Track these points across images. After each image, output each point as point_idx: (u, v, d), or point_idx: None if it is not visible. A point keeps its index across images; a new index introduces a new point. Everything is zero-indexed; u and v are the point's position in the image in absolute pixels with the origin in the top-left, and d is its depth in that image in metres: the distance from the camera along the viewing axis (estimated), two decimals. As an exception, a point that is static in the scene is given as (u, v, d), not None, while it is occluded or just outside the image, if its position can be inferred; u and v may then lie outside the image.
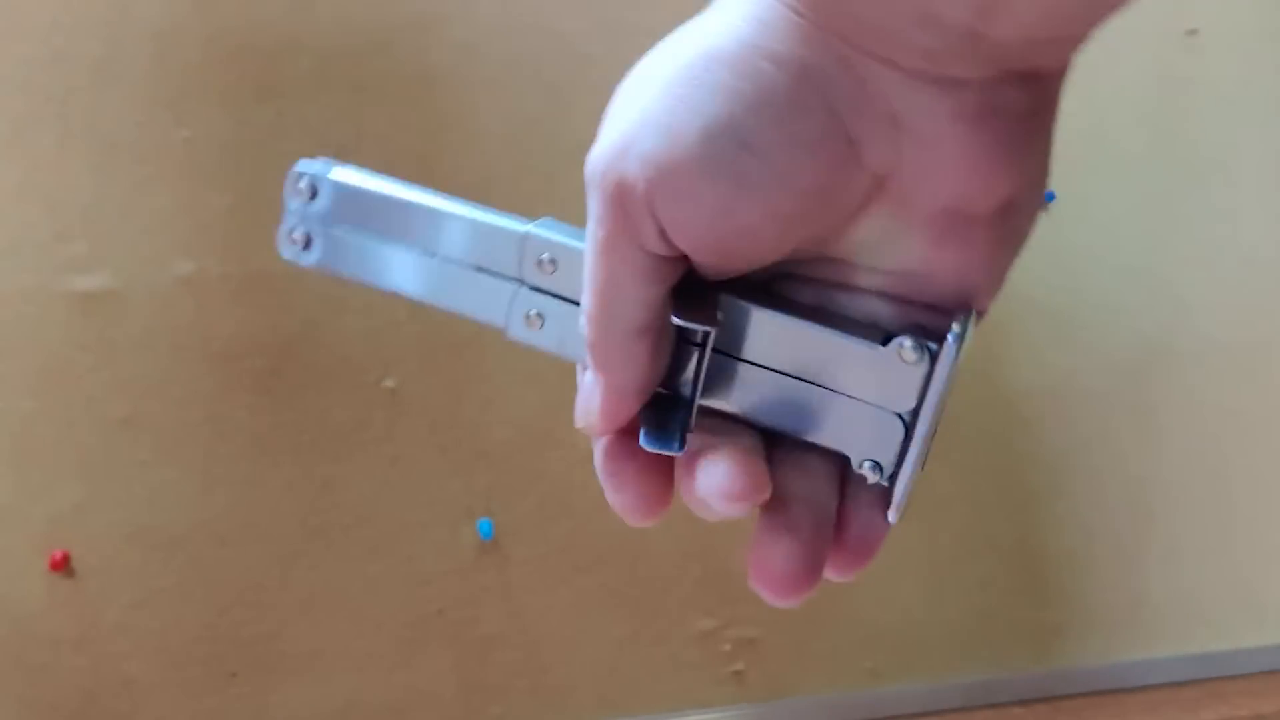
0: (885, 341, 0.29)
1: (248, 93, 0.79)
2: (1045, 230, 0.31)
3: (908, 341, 0.28)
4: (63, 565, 0.81)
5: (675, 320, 0.28)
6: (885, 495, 0.30)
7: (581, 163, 0.31)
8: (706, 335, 0.29)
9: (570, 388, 0.33)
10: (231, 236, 0.81)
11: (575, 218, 0.36)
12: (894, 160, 0.26)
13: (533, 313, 0.33)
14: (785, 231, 0.27)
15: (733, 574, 0.92)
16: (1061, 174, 1.05)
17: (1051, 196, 0.89)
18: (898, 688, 0.96)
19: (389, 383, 0.84)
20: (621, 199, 0.27)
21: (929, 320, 0.29)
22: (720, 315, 0.29)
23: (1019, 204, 0.28)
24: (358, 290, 0.86)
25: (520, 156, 0.82)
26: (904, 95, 0.25)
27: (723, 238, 0.27)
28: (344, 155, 0.89)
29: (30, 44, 0.77)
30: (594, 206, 0.28)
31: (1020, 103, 0.26)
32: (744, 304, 0.29)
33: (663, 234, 0.27)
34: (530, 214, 0.36)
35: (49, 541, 0.81)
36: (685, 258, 0.28)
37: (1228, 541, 0.99)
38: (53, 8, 0.77)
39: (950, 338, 0.28)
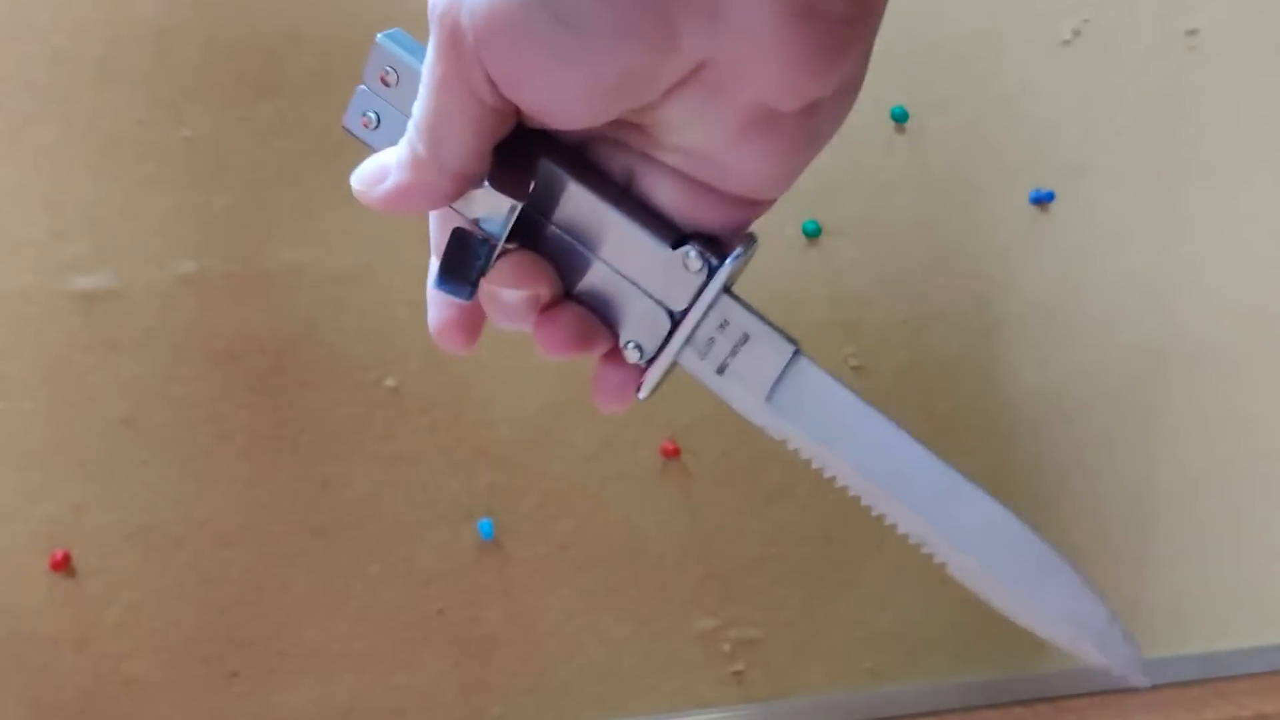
0: (676, 245, 0.32)
1: (249, 91, 0.79)
2: (1045, 231, 0.31)
3: (693, 252, 0.31)
4: (63, 565, 0.81)
5: (489, 186, 0.30)
6: (640, 375, 0.34)
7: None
8: (514, 207, 0.31)
9: (571, 388, 0.33)
10: (233, 236, 0.81)
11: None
12: (711, 49, 0.27)
13: (370, 113, 0.36)
14: (601, 103, 0.28)
15: (733, 574, 0.92)
16: (1061, 174, 1.05)
17: (1051, 196, 0.89)
18: (898, 688, 0.96)
19: (390, 382, 0.84)
20: (455, 42, 0.28)
21: (720, 223, 0.32)
22: (533, 184, 0.31)
23: (825, 107, 0.29)
24: (358, 290, 0.86)
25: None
26: None
27: (541, 100, 0.28)
28: (344, 154, 0.89)
29: (30, 43, 0.77)
30: (432, 42, 0.29)
31: (839, 7, 0.27)
32: (561, 174, 0.31)
33: (492, 83, 0.28)
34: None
35: (49, 541, 0.81)
36: (515, 111, 0.29)
37: (1230, 541, 0.99)
38: (53, 7, 0.77)
39: (730, 258, 0.32)
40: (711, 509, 0.90)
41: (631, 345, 0.33)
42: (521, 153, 0.31)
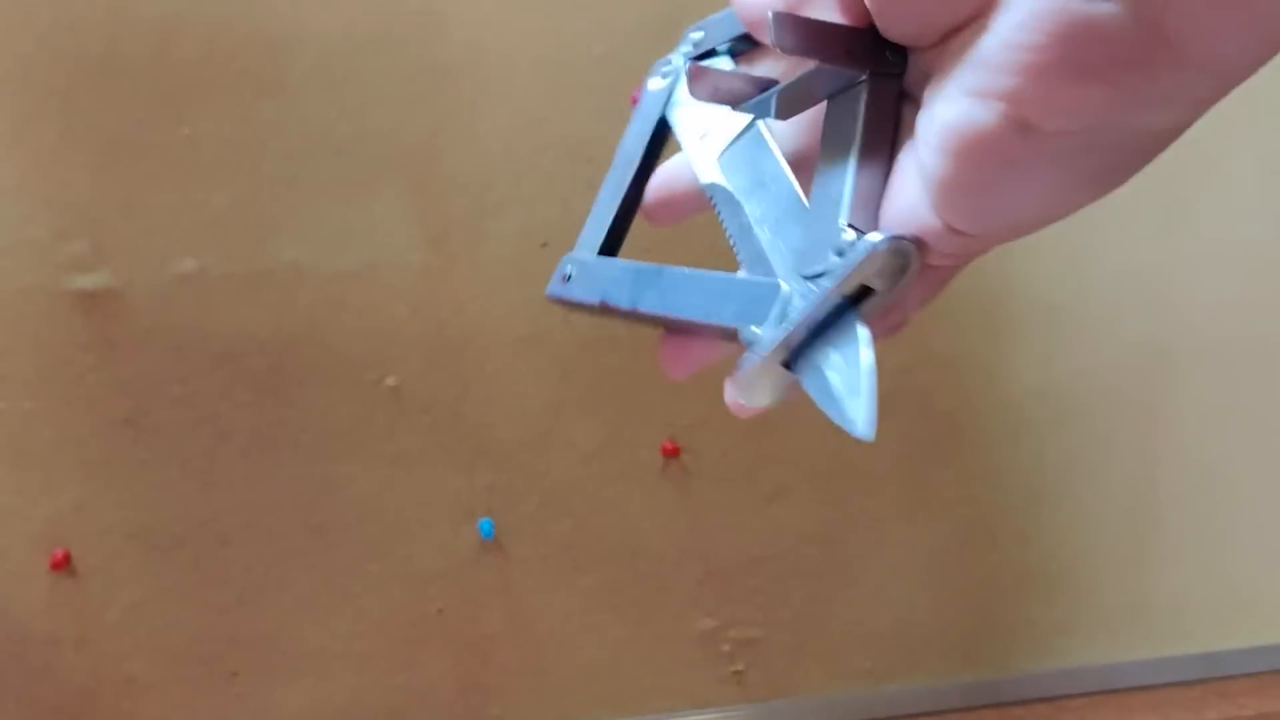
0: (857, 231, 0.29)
1: (249, 90, 0.79)
2: (1046, 230, 0.31)
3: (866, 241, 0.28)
4: (63, 565, 0.81)
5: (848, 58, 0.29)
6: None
7: (583, 162, 0.31)
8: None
9: (571, 388, 0.33)
10: (233, 235, 0.80)
11: (578, 215, 0.36)
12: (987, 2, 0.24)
13: (568, 268, 0.36)
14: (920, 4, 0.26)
15: (733, 574, 0.92)
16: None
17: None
18: (898, 688, 0.96)
19: (390, 381, 0.84)
20: None
21: (919, 226, 0.29)
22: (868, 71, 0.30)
23: (1041, 139, 0.25)
24: (359, 290, 0.86)
25: (522, 155, 0.82)
26: None
27: None
28: (345, 153, 0.89)
29: (31, 42, 0.77)
30: None
31: (1128, 42, 0.23)
32: (861, 89, 0.30)
33: None
34: (532, 214, 0.37)
35: (49, 541, 0.81)
36: None
37: (1231, 541, 0.99)
38: (53, 6, 0.77)
39: (883, 239, 0.28)
40: (711, 509, 0.90)
41: (749, 328, 0.30)
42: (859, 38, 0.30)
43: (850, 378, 0.29)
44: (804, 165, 0.32)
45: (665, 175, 0.37)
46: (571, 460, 0.87)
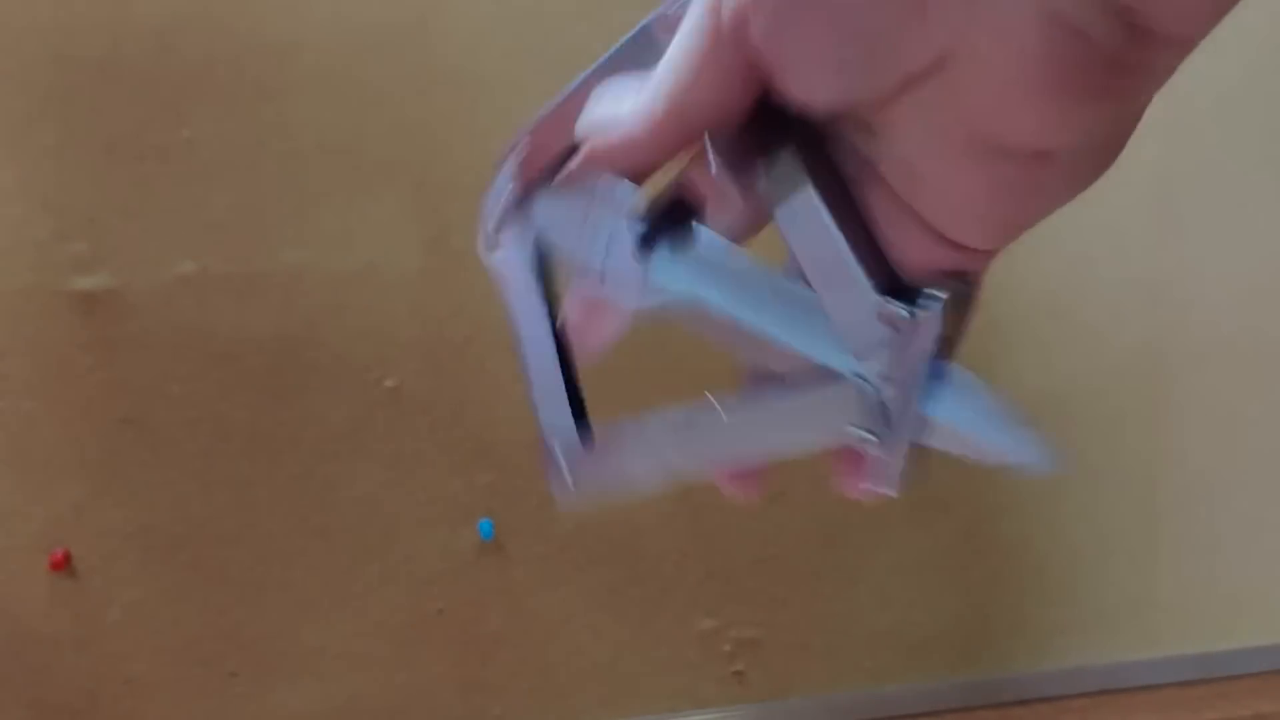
0: (884, 289, 0.28)
1: (249, 92, 0.79)
2: (1046, 231, 0.31)
3: (895, 305, 0.27)
4: (63, 565, 0.81)
5: (727, 172, 0.28)
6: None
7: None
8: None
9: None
10: (233, 236, 0.81)
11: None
12: (956, 39, 0.24)
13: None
14: (848, 69, 0.26)
15: (733, 574, 0.92)
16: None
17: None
18: (898, 688, 0.96)
19: (389, 382, 0.84)
20: None
21: (922, 260, 0.28)
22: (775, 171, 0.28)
23: (1060, 162, 0.26)
24: (358, 290, 0.86)
25: (520, 156, 0.82)
26: None
27: (794, 56, 0.26)
28: (344, 155, 0.89)
29: (31, 43, 0.77)
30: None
31: (1112, 40, 0.23)
32: (802, 180, 0.28)
33: (748, 40, 0.26)
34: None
35: (49, 541, 0.81)
36: (760, 81, 0.27)
37: (1231, 540, 0.99)
38: (54, 7, 0.77)
39: (931, 306, 0.27)
40: (711, 509, 0.90)
41: (863, 432, 0.28)
42: (762, 135, 0.28)
43: (983, 419, 0.29)
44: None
45: (582, 317, 0.35)
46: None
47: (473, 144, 0.82)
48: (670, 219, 0.31)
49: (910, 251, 0.28)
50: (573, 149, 0.34)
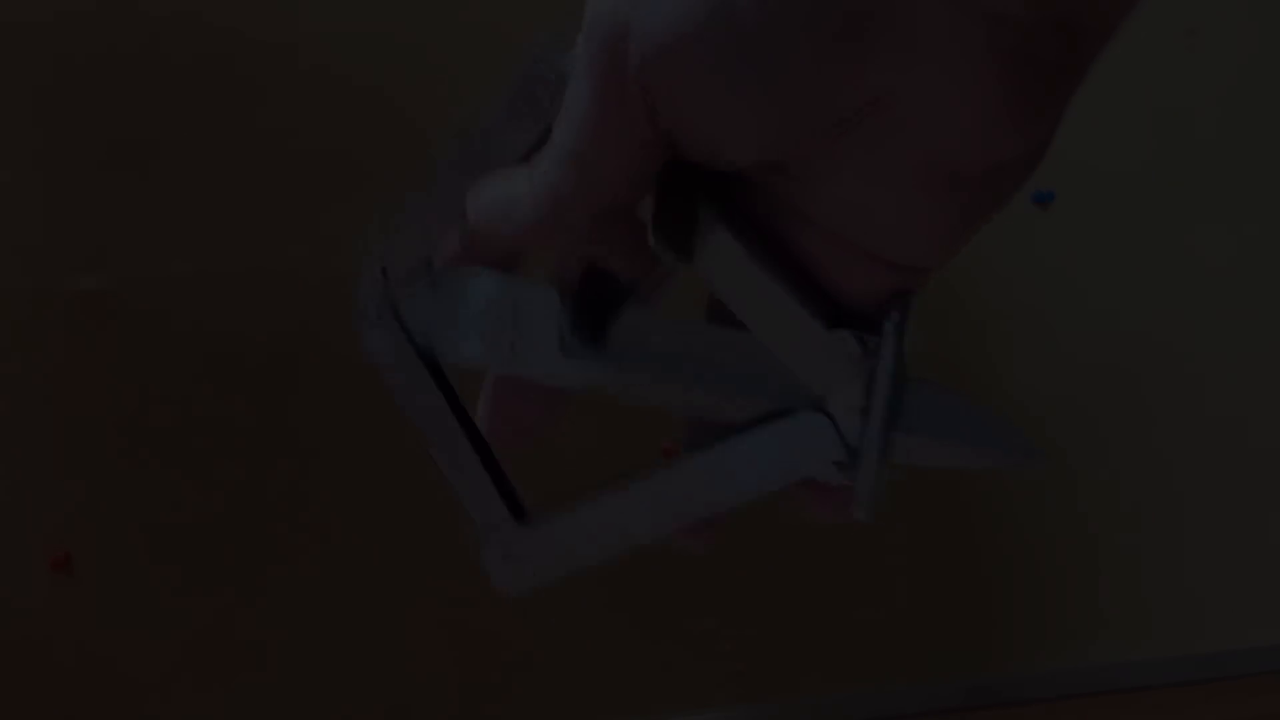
0: (828, 323, 0.27)
1: (248, 90, 0.79)
2: (1046, 231, 0.31)
3: (850, 336, 0.27)
4: (63, 565, 0.81)
5: (652, 242, 0.27)
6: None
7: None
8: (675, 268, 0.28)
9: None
10: (232, 236, 0.81)
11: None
12: (896, 80, 0.23)
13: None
14: (772, 126, 0.24)
15: (733, 574, 0.92)
16: (1061, 175, 1.04)
17: (1051, 196, 0.89)
18: (898, 688, 0.96)
19: (389, 382, 0.84)
20: (615, 64, 0.26)
21: (866, 291, 0.28)
22: (697, 243, 0.27)
23: (1009, 171, 0.26)
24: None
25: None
26: (934, 11, 0.22)
27: (708, 124, 0.25)
28: (344, 154, 0.89)
29: (30, 43, 0.77)
30: (584, 64, 0.27)
31: (1054, 54, 0.23)
32: (727, 238, 0.27)
33: (654, 109, 0.25)
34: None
35: (49, 541, 0.81)
36: (670, 144, 0.26)
37: (1231, 540, 0.99)
38: (53, 7, 0.77)
39: (888, 331, 0.27)
40: (711, 509, 0.90)
41: (832, 465, 0.28)
42: (677, 198, 0.27)
43: (959, 425, 0.29)
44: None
45: (503, 404, 0.34)
46: (571, 460, 0.87)
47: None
48: (588, 297, 0.30)
49: (852, 281, 0.28)
50: (448, 239, 0.33)
